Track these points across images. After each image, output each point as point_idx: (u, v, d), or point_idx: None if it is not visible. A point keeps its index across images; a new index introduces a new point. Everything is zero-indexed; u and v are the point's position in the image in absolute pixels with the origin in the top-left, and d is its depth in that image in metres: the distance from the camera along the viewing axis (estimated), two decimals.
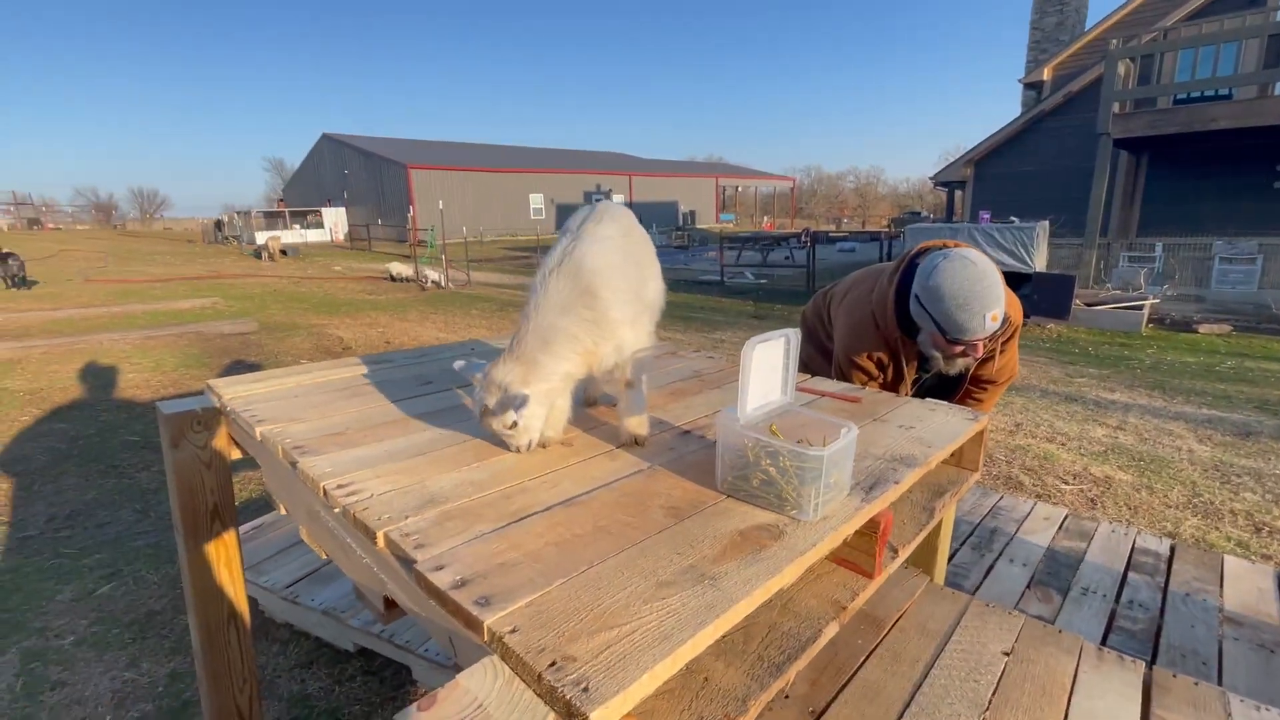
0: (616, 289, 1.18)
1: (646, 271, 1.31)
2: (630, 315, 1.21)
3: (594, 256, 1.19)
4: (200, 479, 1.51)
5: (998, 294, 1.64)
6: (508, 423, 1.12)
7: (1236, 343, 7.13)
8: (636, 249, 1.30)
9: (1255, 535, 2.87)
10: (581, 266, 1.17)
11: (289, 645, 2.30)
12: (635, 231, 1.33)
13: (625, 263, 1.23)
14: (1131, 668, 1.34)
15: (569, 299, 1.16)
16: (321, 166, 38.07)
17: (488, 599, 0.75)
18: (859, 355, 1.92)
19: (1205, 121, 8.34)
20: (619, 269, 1.20)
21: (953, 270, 1.65)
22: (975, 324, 1.63)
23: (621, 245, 1.25)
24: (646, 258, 1.34)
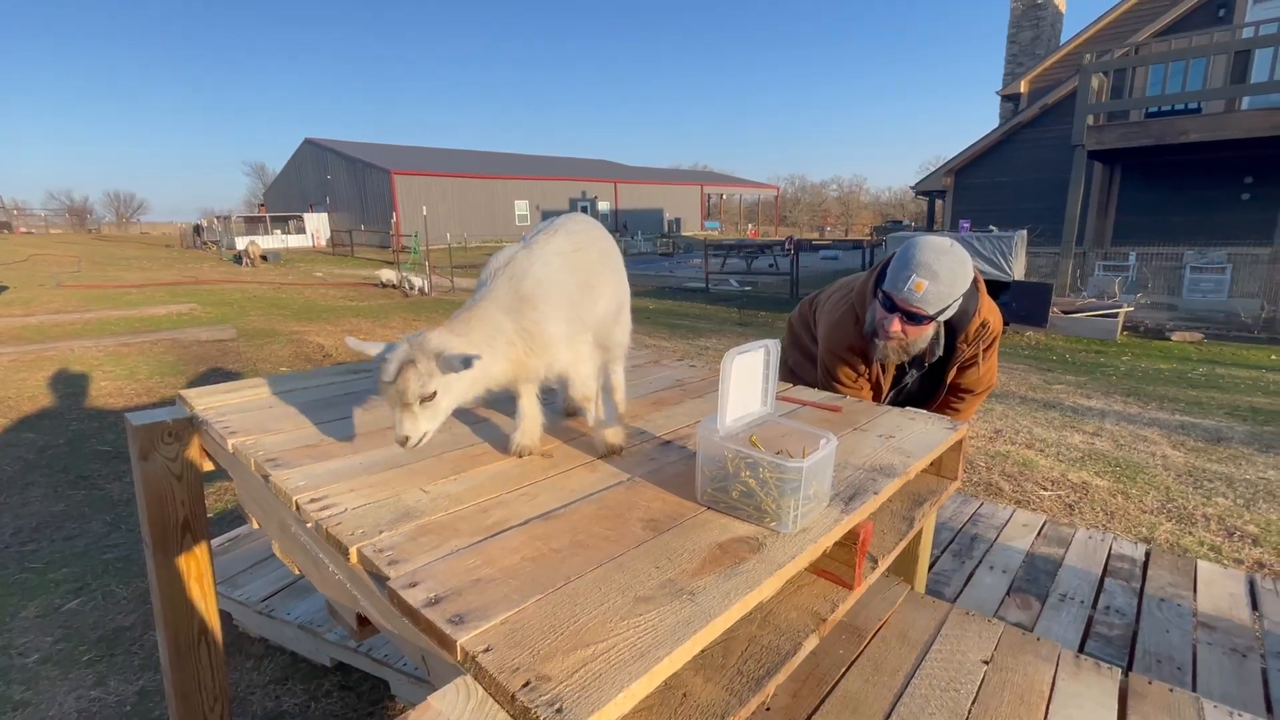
0: (555, 304, 1.16)
1: (599, 292, 1.28)
2: (565, 333, 1.18)
3: (538, 268, 1.17)
4: (170, 491, 1.47)
5: (939, 273, 1.65)
6: (429, 389, 1.03)
7: (1208, 350, 7.30)
8: (590, 267, 1.27)
9: (1227, 539, 2.93)
10: (525, 275, 1.16)
11: (264, 661, 2.25)
12: (592, 249, 1.30)
13: (570, 280, 1.21)
14: (1108, 675, 1.35)
15: (511, 302, 1.14)
16: (304, 171, 37.69)
17: (462, 617, 0.74)
18: (841, 349, 1.93)
19: (1175, 134, 8.56)
20: (561, 285, 1.18)
21: (923, 239, 1.72)
22: (900, 281, 1.67)
23: (571, 262, 1.23)
24: (600, 277, 1.30)
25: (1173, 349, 7.37)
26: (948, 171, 13.60)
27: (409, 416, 1.04)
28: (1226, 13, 10.21)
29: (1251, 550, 2.82)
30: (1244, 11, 10.08)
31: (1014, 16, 13.98)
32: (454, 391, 1.08)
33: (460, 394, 1.10)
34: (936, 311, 1.71)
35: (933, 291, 1.66)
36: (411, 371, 1.02)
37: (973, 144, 13.15)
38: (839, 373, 1.94)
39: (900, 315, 1.73)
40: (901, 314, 1.72)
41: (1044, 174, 11.95)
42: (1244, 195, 10.18)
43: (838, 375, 1.95)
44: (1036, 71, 12.77)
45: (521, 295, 1.14)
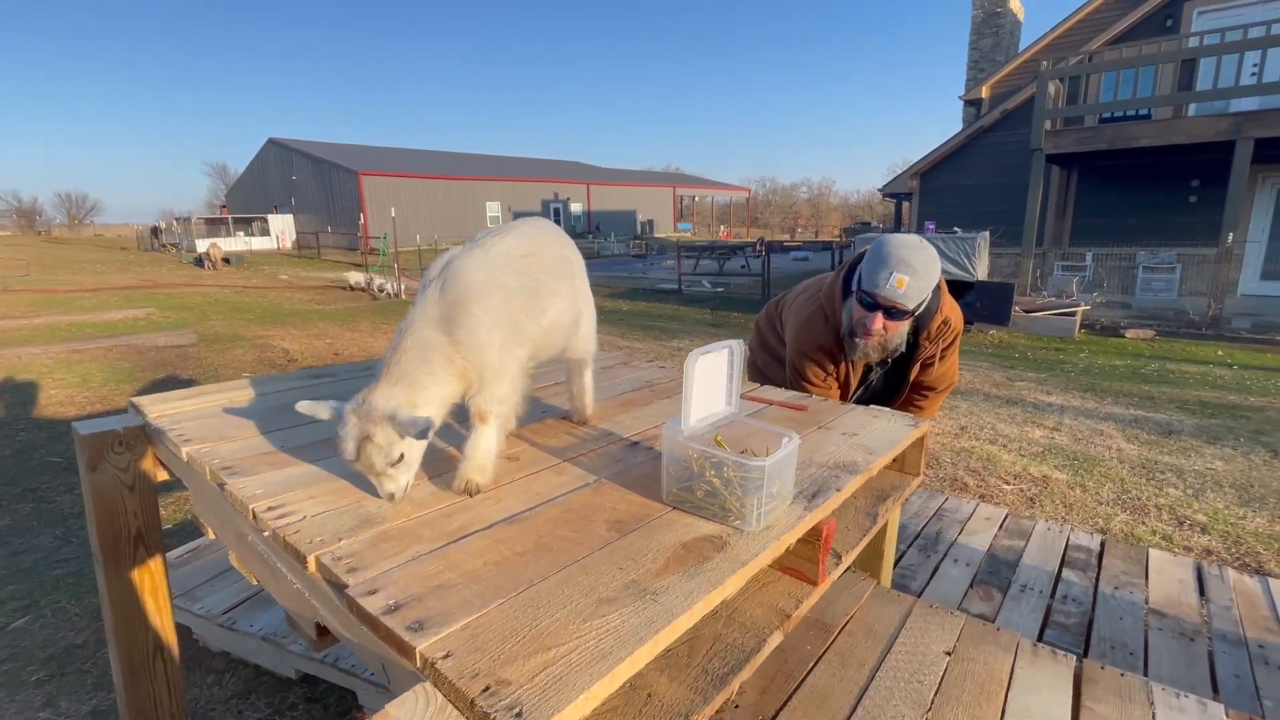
0: (492, 308, 1.08)
1: (549, 300, 1.21)
2: (500, 341, 1.10)
3: (476, 270, 1.10)
4: (122, 502, 1.42)
5: (918, 267, 1.69)
6: (395, 456, 0.98)
7: (1159, 346, 7.59)
8: (541, 273, 1.19)
9: (1178, 528, 3.05)
10: (458, 277, 1.08)
11: (225, 675, 2.18)
12: (547, 254, 1.23)
13: (514, 284, 1.14)
14: (1064, 662, 1.40)
15: (443, 310, 1.06)
16: (267, 172, 36.76)
17: (421, 623, 0.73)
18: (810, 349, 1.95)
19: (1127, 139, 8.90)
20: (501, 289, 1.11)
21: (893, 237, 1.75)
22: (881, 278, 1.69)
23: (519, 266, 1.16)
24: (553, 284, 1.22)
25: (1127, 346, 7.65)
26: (913, 174, 13.90)
27: (385, 479, 1.01)
28: (1174, 23, 10.65)
29: (1200, 538, 2.94)
30: (1189, 22, 10.53)
31: (975, 24, 14.36)
32: (421, 443, 1.04)
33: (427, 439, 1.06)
34: (916, 305, 1.75)
35: (913, 286, 1.69)
36: (371, 447, 0.98)
37: (937, 147, 13.46)
38: (808, 372, 1.96)
39: (882, 312, 1.75)
40: (883, 311, 1.74)
41: (1005, 177, 12.29)
42: (1191, 198, 10.62)
43: (807, 375, 1.97)
44: (997, 77, 13.14)
45: (452, 300, 1.06)
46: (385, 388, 1.02)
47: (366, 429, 0.98)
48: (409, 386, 1.02)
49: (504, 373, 1.11)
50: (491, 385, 1.10)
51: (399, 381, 1.02)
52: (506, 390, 1.13)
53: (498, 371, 1.10)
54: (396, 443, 0.98)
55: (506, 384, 1.13)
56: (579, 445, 1.33)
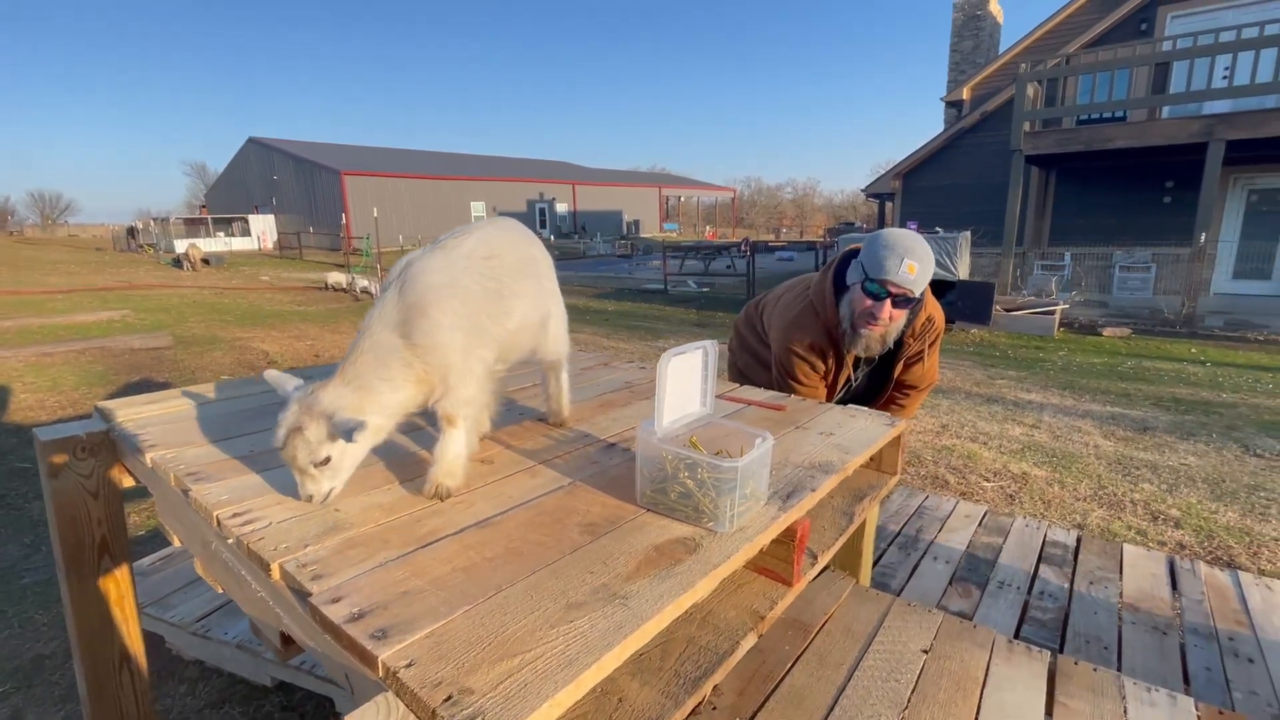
0: (450, 310, 1.05)
1: (514, 302, 1.18)
2: (462, 344, 1.07)
3: (435, 272, 1.07)
4: (85, 510, 1.39)
5: (924, 257, 1.72)
6: (320, 456, 0.96)
7: (1135, 344, 7.73)
8: (504, 274, 1.16)
9: (1152, 523, 3.10)
10: (417, 280, 1.05)
11: (198, 684, 2.14)
12: (511, 255, 1.20)
13: (475, 286, 1.11)
14: (1038, 658, 1.41)
15: (402, 314, 1.04)
16: (248, 171, 36.24)
17: (385, 631, 0.71)
18: (800, 347, 1.93)
19: (1103, 141, 9.05)
20: (462, 292, 1.08)
21: (890, 230, 1.77)
22: (892, 265, 1.70)
23: (481, 267, 1.13)
24: (517, 285, 1.19)
25: (1104, 344, 7.77)
26: (896, 175, 14.03)
27: (308, 479, 0.98)
28: (1148, 27, 10.85)
29: (1173, 533, 3.00)
30: (1163, 26, 10.73)
31: (955, 26, 14.53)
32: (353, 450, 1.01)
33: (367, 444, 1.03)
34: (921, 294, 1.78)
35: (921, 273, 1.72)
36: (299, 440, 0.95)
37: (919, 148, 13.60)
38: (798, 371, 1.94)
39: (890, 300, 1.75)
40: (892, 298, 1.75)
41: (986, 177, 12.45)
42: (1166, 199, 10.83)
43: (796, 373, 1.95)
44: (977, 79, 13.30)
45: (410, 303, 1.04)
46: (337, 386, 1.00)
47: (301, 420, 0.96)
48: (360, 389, 1.00)
49: (468, 375, 1.09)
50: (456, 388, 1.08)
51: (351, 382, 1.01)
52: (472, 392, 1.11)
53: (462, 374, 1.08)
54: (325, 444, 0.96)
55: (472, 386, 1.10)
56: (554, 447, 1.32)
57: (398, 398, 1.04)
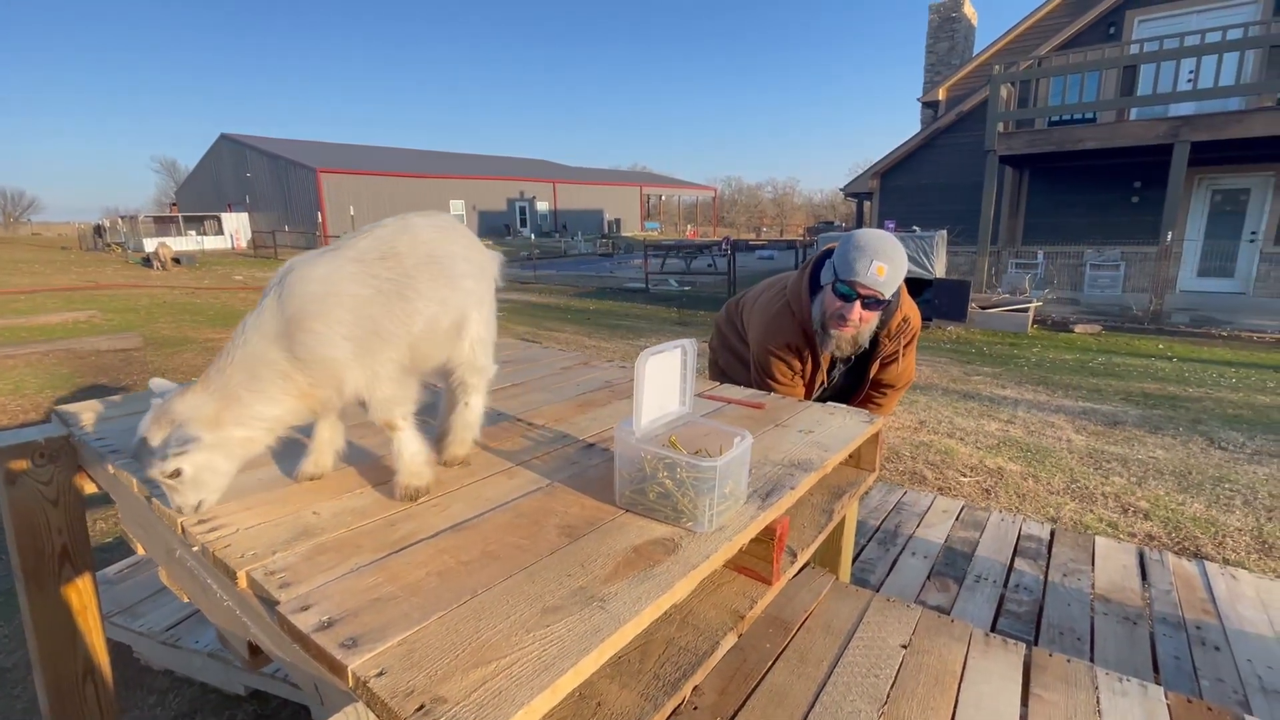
0: (334, 320, 0.98)
1: (418, 305, 1.07)
2: (353, 353, 1.00)
3: (316, 280, 0.99)
4: (45, 518, 1.34)
5: (896, 258, 1.72)
6: (168, 470, 0.91)
7: (1106, 341, 7.91)
8: (404, 276, 1.07)
9: (1123, 515, 3.17)
10: (295, 291, 0.98)
11: (168, 695, 2.08)
12: (415, 254, 1.10)
13: (364, 291, 1.02)
14: (1014, 650, 1.43)
15: (281, 326, 0.97)
16: (220, 169, 35.46)
17: (356, 640, 0.69)
18: (777, 346, 1.94)
19: (1074, 141, 9.25)
20: (350, 298, 1.00)
21: (864, 231, 1.77)
22: (861, 267, 1.70)
23: (374, 270, 1.04)
24: (421, 287, 1.08)
25: (1076, 340, 7.94)
26: (874, 174, 14.19)
27: (171, 490, 0.93)
28: (1116, 30, 11.11)
29: (1143, 524, 3.07)
30: (1131, 29, 10.99)
31: (931, 28, 14.73)
32: (213, 462, 0.95)
33: (229, 456, 0.97)
34: (892, 295, 1.78)
35: (891, 275, 1.72)
36: (144, 450, 0.91)
37: (896, 148, 13.76)
38: (775, 370, 1.96)
39: (860, 301, 1.75)
40: (861, 300, 1.75)
41: (961, 177, 12.65)
42: (1134, 199, 11.10)
43: (773, 373, 1.96)
44: (953, 80, 13.50)
45: (288, 316, 0.97)
46: (196, 394, 0.95)
47: (149, 429, 0.91)
48: (224, 399, 0.95)
49: (380, 380, 1.04)
50: (374, 394, 1.04)
51: (215, 392, 0.95)
52: (392, 391, 1.05)
53: (371, 381, 1.03)
54: (170, 459, 0.90)
55: (388, 386, 1.05)
56: (533, 448, 1.30)
57: (273, 411, 0.98)
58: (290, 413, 1.00)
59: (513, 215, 35.67)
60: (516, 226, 35.52)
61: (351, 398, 1.04)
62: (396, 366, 1.07)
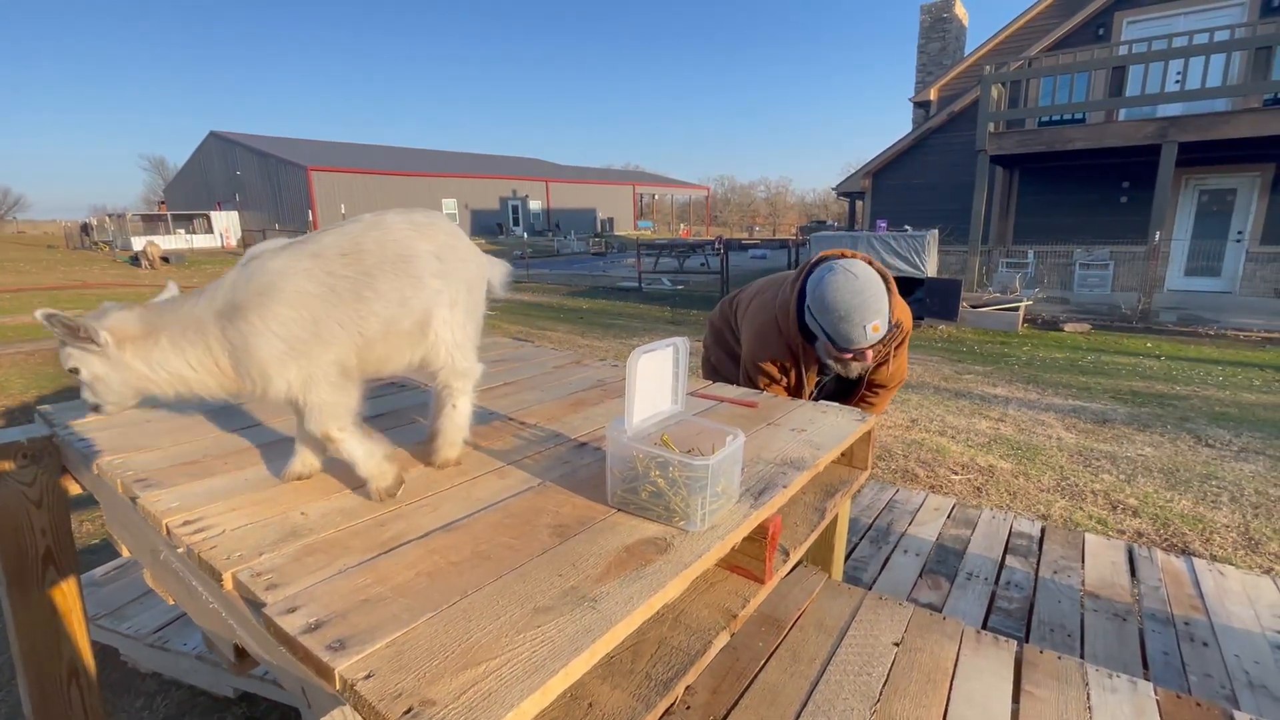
0: (275, 317, 0.96)
1: (377, 305, 1.05)
2: (283, 353, 0.98)
3: (270, 273, 0.98)
4: (28, 519, 1.32)
5: (879, 306, 1.71)
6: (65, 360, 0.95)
7: (1095, 339, 7.98)
8: (365, 274, 1.04)
9: (1112, 512, 3.20)
10: (251, 279, 0.99)
11: (156, 698, 2.06)
12: (382, 252, 1.07)
13: (317, 289, 1.00)
14: (1005, 647, 1.44)
15: (226, 306, 0.98)
16: (209, 167, 35.15)
17: (343, 642, 0.68)
18: (764, 361, 1.96)
19: (1064, 141, 9.31)
20: (295, 294, 0.98)
21: (836, 284, 1.73)
22: (857, 335, 1.71)
23: (334, 266, 1.02)
24: (384, 286, 1.06)
25: (1065, 339, 8.00)
26: (866, 174, 14.24)
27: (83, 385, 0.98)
28: (1105, 31, 11.19)
29: (1132, 521, 3.09)
30: (1120, 31, 11.08)
31: (923, 28, 14.80)
32: (109, 378, 0.97)
33: (124, 383, 0.98)
34: (889, 328, 1.79)
35: (883, 320, 1.72)
36: (64, 333, 0.94)
37: (888, 148, 13.82)
38: (760, 382, 1.99)
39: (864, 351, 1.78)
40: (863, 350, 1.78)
41: (953, 176, 12.71)
42: (1123, 199, 11.19)
43: (758, 384, 1.99)
44: (944, 80, 13.57)
45: (235, 301, 0.97)
46: (136, 313, 0.97)
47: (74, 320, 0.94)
48: (149, 332, 0.97)
49: (314, 384, 1.02)
50: (308, 398, 1.02)
51: (149, 322, 0.98)
52: (328, 397, 1.03)
53: (305, 383, 1.01)
54: (74, 356, 0.95)
55: (325, 391, 1.03)
56: (525, 447, 1.29)
57: (184, 371, 0.99)
58: (201, 383, 1.01)
59: (505, 214, 35.56)
60: (509, 225, 35.41)
61: (277, 398, 1.02)
62: (337, 371, 1.04)
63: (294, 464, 1.12)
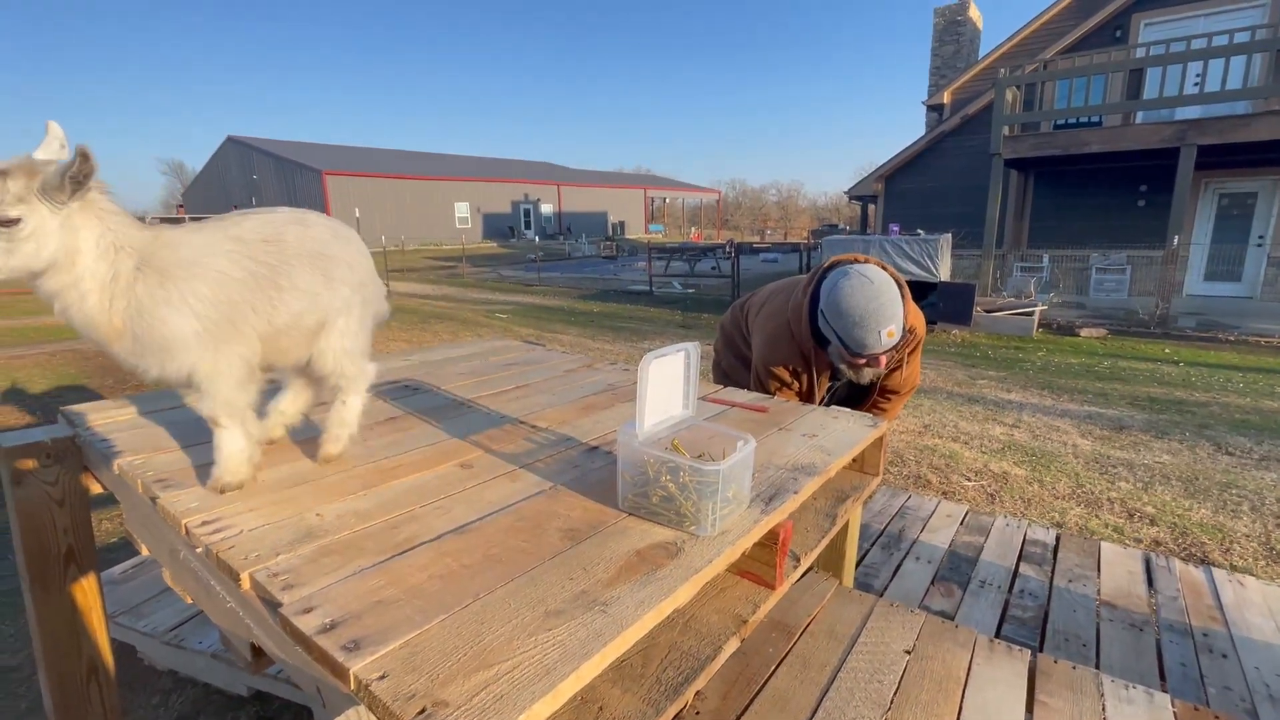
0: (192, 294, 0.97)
1: (286, 298, 1.07)
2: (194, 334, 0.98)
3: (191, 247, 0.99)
4: (50, 519, 1.34)
5: (893, 311, 1.70)
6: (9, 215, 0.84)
7: (1111, 344, 7.87)
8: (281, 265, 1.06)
9: (1129, 520, 3.15)
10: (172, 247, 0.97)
11: (171, 695, 2.09)
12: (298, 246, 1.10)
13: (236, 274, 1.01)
14: (1019, 656, 1.42)
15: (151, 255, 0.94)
16: (227, 171, 35.69)
17: (358, 642, 0.69)
18: (775, 365, 1.96)
19: (1080, 145, 9.21)
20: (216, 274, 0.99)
21: (850, 289, 1.72)
22: (872, 340, 1.70)
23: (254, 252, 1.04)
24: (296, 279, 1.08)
25: (1081, 344, 7.91)
26: (878, 178, 14.17)
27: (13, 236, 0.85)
28: (1122, 34, 11.08)
29: (1149, 529, 3.05)
30: (1137, 33, 10.96)
31: (936, 31, 14.73)
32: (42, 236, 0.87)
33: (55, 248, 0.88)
34: (903, 334, 1.78)
35: (897, 325, 1.72)
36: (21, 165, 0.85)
37: (901, 151, 13.75)
38: (770, 387, 1.99)
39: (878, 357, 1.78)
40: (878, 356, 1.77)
41: (966, 180, 12.62)
42: (1140, 202, 11.05)
43: (769, 389, 1.99)
44: (958, 84, 13.49)
45: (162, 264, 0.94)
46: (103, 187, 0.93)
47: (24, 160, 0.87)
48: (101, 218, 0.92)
49: (219, 374, 1.02)
50: (213, 390, 1.03)
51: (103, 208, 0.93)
52: (230, 394, 1.04)
53: (212, 375, 1.02)
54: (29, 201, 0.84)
55: (229, 388, 1.04)
56: (536, 451, 1.30)
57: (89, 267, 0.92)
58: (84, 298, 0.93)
59: (517, 217, 35.75)
60: (521, 229, 35.60)
61: (165, 376, 1.00)
62: (244, 365, 1.05)
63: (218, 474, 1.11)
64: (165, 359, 0.98)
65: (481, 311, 11.09)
